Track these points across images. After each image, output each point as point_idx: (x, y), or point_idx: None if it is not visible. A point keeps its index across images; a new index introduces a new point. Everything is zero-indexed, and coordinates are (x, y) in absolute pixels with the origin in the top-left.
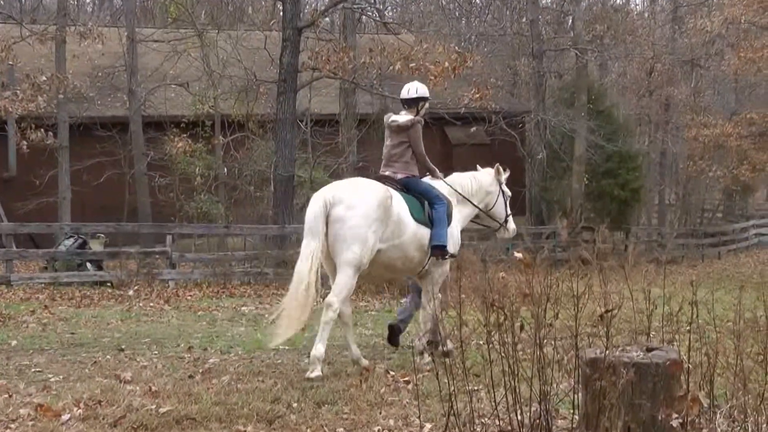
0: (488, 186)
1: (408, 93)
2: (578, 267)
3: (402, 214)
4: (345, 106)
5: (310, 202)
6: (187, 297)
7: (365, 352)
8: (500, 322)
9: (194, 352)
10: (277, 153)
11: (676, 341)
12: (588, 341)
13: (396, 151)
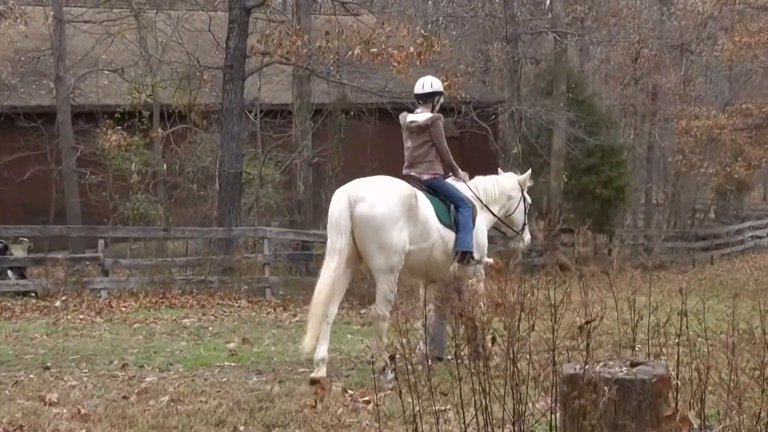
0: (510, 191)
1: (423, 88)
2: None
3: (428, 216)
4: (299, 96)
5: (333, 200)
6: (122, 308)
7: None
8: (470, 335)
9: (129, 369)
10: (223, 147)
11: (663, 355)
12: (567, 355)
13: (419, 152)
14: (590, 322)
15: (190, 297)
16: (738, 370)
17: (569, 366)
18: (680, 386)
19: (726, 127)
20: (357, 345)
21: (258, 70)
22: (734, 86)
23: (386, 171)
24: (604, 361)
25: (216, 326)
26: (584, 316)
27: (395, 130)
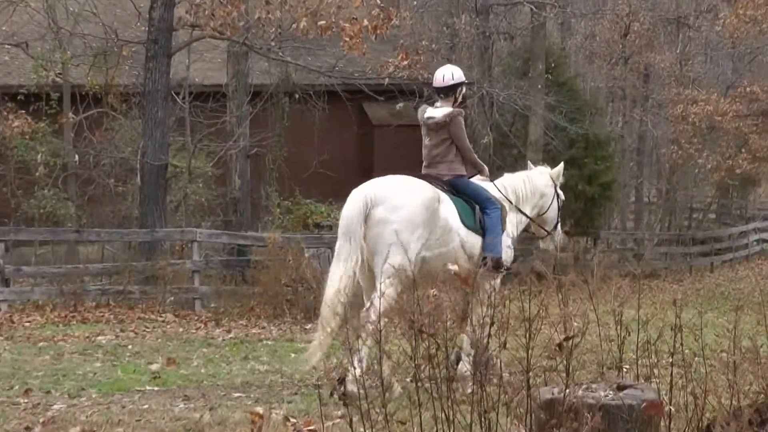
0: (543, 188)
1: (444, 80)
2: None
3: (450, 219)
4: (234, 76)
5: (349, 200)
6: (25, 324)
7: (258, 392)
8: (431, 354)
9: (33, 395)
10: (146, 136)
11: (655, 377)
12: (543, 377)
13: (438, 151)
14: (570, 339)
15: (107, 310)
16: (740, 394)
17: (547, 390)
18: (674, 413)
19: (728, 114)
20: (301, 366)
21: (186, 45)
22: (738, 66)
23: (335, 163)
24: (587, 384)
25: (136, 344)
26: (564, 331)
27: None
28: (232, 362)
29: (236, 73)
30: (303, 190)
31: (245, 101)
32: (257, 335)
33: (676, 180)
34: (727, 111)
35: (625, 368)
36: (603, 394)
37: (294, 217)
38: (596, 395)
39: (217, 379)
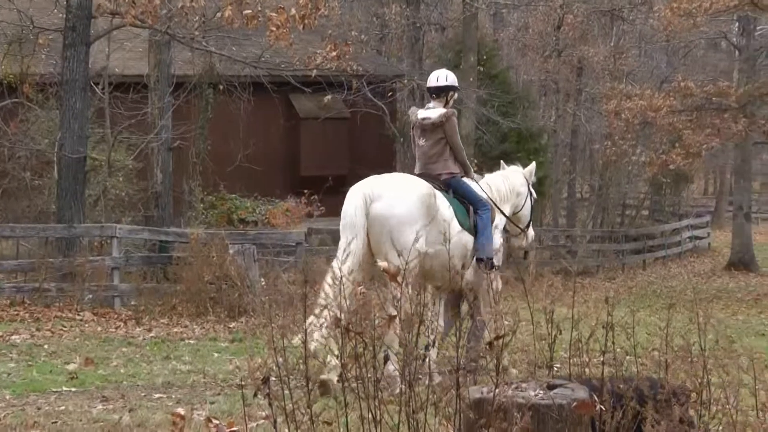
0: (519, 186)
1: (437, 81)
2: None
3: (447, 217)
4: (156, 66)
5: (348, 197)
6: None
7: (180, 393)
8: (358, 353)
9: None
10: (63, 127)
11: (586, 376)
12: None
13: (434, 151)
14: (501, 338)
15: (21, 308)
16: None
17: (476, 389)
18: (604, 412)
19: (662, 109)
20: (224, 366)
21: (106, 33)
22: (672, 61)
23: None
24: (517, 384)
25: (53, 344)
26: (494, 330)
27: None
28: (152, 362)
29: (158, 63)
30: (227, 184)
31: (167, 92)
32: (179, 334)
33: (609, 176)
34: (661, 106)
35: (556, 367)
36: (533, 394)
37: (218, 212)
38: (526, 395)
39: (137, 380)
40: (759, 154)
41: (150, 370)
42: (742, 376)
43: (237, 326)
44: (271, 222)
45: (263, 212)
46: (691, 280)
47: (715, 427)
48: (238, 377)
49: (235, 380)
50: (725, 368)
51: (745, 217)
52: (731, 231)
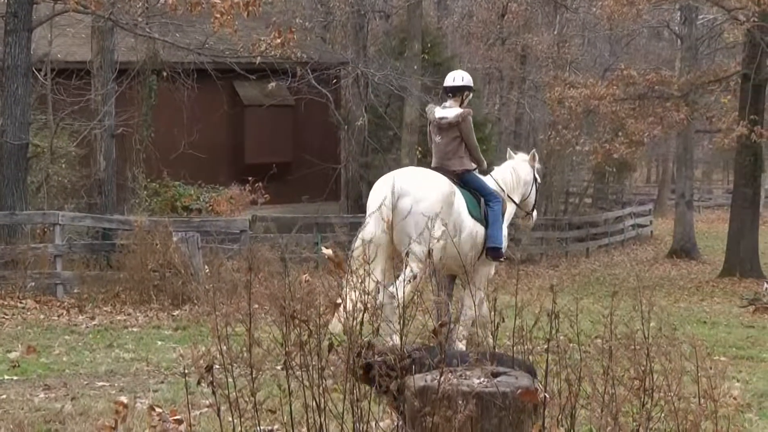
0: (526, 176)
1: (454, 81)
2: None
3: (461, 211)
4: (99, 52)
5: (376, 189)
6: None
7: (123, 381)
8: (303, 341)
9: None
10: (5, 114)
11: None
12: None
13: (450, 148)
14: (445, 325)
15: None
16: (615, 380)
17: (420, 377)
18: (548, 399)
19: (605, 98)
20: (168, 354)
21: (48, 19)
22: (615, 49)
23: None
24: (461, 371)
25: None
26: (439, 318)
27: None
28: (95, 350)
29: (101, 49)
30: (171, 171)
31: (110, 79)
32: (122, 322)
33: (552, 164)
34: (604, 95)
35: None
36: (477, 382)
37: (162, 199)
38: (470, 382)
39: (80, 368)
40: (700, 142)
41: (93, 359)
42: (685, 363)
43: (181, 314)
44: (215, 209)
45: (207, 200)
46: (633, 267)
47: (657, 414)
48: (181, 365)
49: (178, 368)
50: (668, 356)
51: (687, 205)
52: (673, 219)
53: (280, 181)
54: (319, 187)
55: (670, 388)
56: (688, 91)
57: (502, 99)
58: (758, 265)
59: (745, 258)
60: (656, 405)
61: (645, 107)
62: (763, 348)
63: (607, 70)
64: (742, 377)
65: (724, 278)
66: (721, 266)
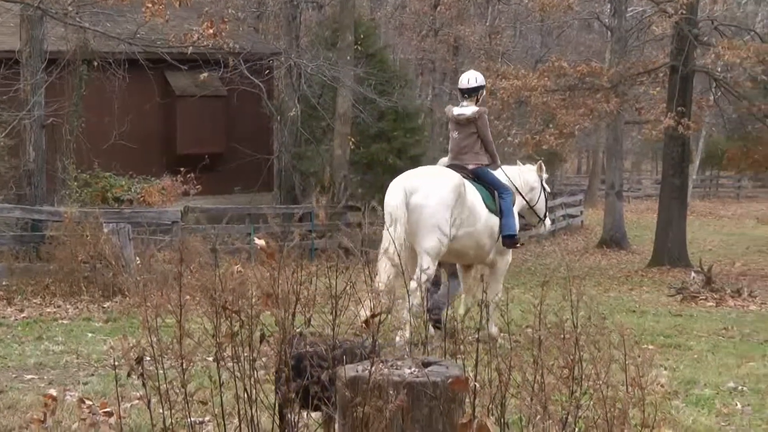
0: (533, 182)
1: (468, 83)
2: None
3: (475, 203)
4: (28, 41)
5: (390, 191)
6: None
7: (52, 374)
8: (234, 332)
9: None
10: None
11: (460, 354)
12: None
13: (466, 143)
14: (377, 316)
15: None
16: (544, 369)
17: (351, 367)
18: (478, 389)
19: (537, 89)
20: (98, 346)
21: None
22: (546, 41)
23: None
24: (392, 362)
25: None
26: (371, 308)
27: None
28: (24, 343)
29: (30, 38)
30: (102, 162)
31: (40, 68)
32: (52, 314)
33: None
34: (535, 86)
35: (431, 345)
36: (408, 372)
37: (92, 190)
38: (401, 372)
39: (8, 361)
40: (630, 133)
41: (22, 351)
42: (613, 352)
43: (111, 306)
44: (147, 200)
45: (139, 190)
46: (564, 257)
47: (586, 402)
48: (111, 357)
49: (108, 361)
50: (597, 344)
51: (616, 196)
52: (603, 209)
53: (213, 171)
54: (251, 177)
55: (598, 377)
56: (617, 82)
57: (435, 90)
58: (686, 255)
59: (674, 247)
60: (585, 393)
61: (575, 98)
62: (690, 336)
63: (538, 62)
64: (670, 365)
65: (653, 268)
66: (650, 256)
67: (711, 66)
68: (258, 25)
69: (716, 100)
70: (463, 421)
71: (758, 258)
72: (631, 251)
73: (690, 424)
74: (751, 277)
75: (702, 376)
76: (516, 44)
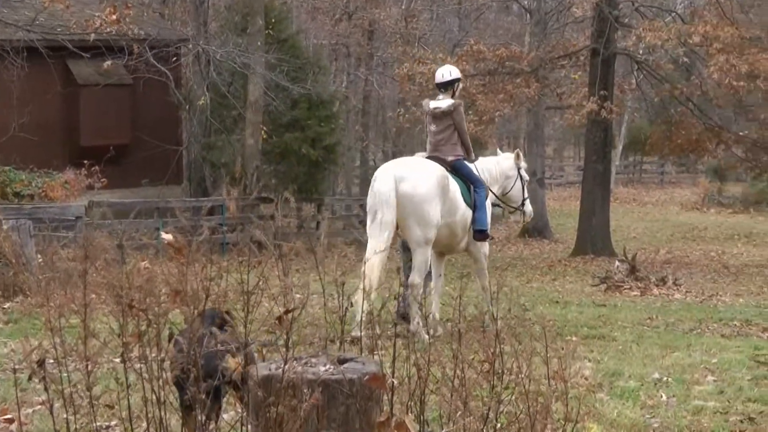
0: (508, 170)
1: (443, 77)
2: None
3: (456, 195)
4: None
5: (379, 177)
6: None
7: None
8: (142, 332)
9: None
10: None
11: (378, 349)
12: (261, 353)
13: (442, 136)
14: (291, 312)
15: None
16: (464, 364)
17: (264, 366)
18: (397, 385)
19: None
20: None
21: None
22: (464, 24)
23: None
24: (307, 359)
25: None
26: (284, 304)
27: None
28: None
29: None
30: (1, 156)
31: None
32: None
33: (402, 143)
34: None
35: (348, 341)
36: (323, 369)
37: None
38: (316, 370)
39: None
40: (551, 119)
41: None
42: (535, 344)
43: (12, 306)
44: (49, 195)
45: (40, 185)
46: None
47: (508, 397)
48: (12, 361)
49: (9, 364)
50: (518, 337)
51: (538, 183)
52: None
53: (118, 164)
54: (159, 170)
55: (520, 370)
56: (537, 66)
57: (350, 76)
58: (610, 243)
59: (597, 236)
60: (506, 387)
61: (495, 83)
62: (615, 327)
63: (456, 46)
64: (594, 357)
65: (577, 257)
66: (573, 245)
67: (632, 48)
68: (164, 10)
69: (638, 84)
70: (380, 419)
71: (682, 245)
72: (554, 240)
73: (614, 417)
74: (675, 264)
75: (626, 368)
76: (433, 28)
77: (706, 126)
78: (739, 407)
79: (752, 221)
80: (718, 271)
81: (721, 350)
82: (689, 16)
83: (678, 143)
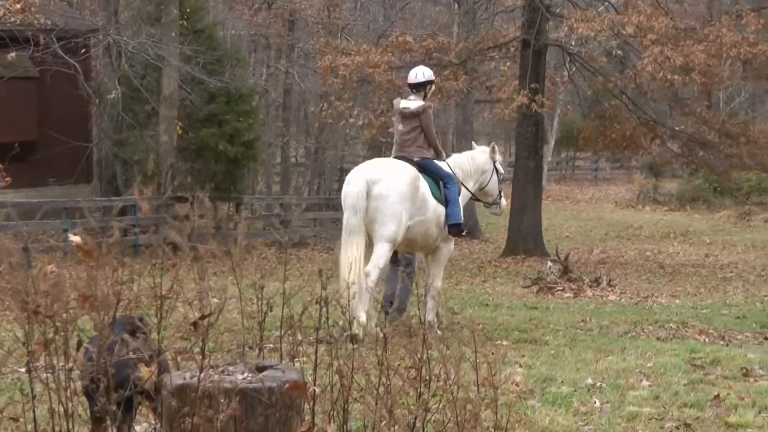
0: (484, 165)
1: (416, 78)
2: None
3: (426, 193)
4: None
5: (351, 180)
6: None
7: None
8: (48, 339)
9: None
10: None
11: (300, 356)
12: (176, 361)
13: (409, 137)
14: (207, 317)
15: None
16: (390, 370)
17: (178, 374)
18: (318, 394)
19: (380, 65)
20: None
21: None
22: (389, 14)
23: None
24: (224, 367)
25: None
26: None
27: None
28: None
29: None
30: None
31: None
32: None
33: (325, 139)
34: (378, 63)
35: (268, 347)
36: (241, 377)
37: None
38: (233, 378)
39: None
40: (481, 113)
41: None
42: (464, 349)
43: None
44: None
45: None
46: None
47: (435, 405)
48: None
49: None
50: (446, 342)
51: None
52: None
53: (24, 161)
54: (68, 167)
55: (448, 377)
56: (466, 58)
57: (270, 69)
58: (542, 243)
59: (529, 235)
60: (434, 395)
61: None
62: (547, 330)
63: (381, 36)
64: (525, 362)
65: (508, 257)
66: (503, 245)
67: (564, 40)
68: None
69: (571, 76)
70: (301, 429)
71: (617, 244)
72: (484, 240)
73: (546, 424)
74: (609, 264)
75: (559, 373)
76: (357, 18)
77: (641, 120)
78: (675, 413)
79: (688, 219)
80: (654, 271)
81: (656, 354)
82: (623, 6)
83: (612, 138)
